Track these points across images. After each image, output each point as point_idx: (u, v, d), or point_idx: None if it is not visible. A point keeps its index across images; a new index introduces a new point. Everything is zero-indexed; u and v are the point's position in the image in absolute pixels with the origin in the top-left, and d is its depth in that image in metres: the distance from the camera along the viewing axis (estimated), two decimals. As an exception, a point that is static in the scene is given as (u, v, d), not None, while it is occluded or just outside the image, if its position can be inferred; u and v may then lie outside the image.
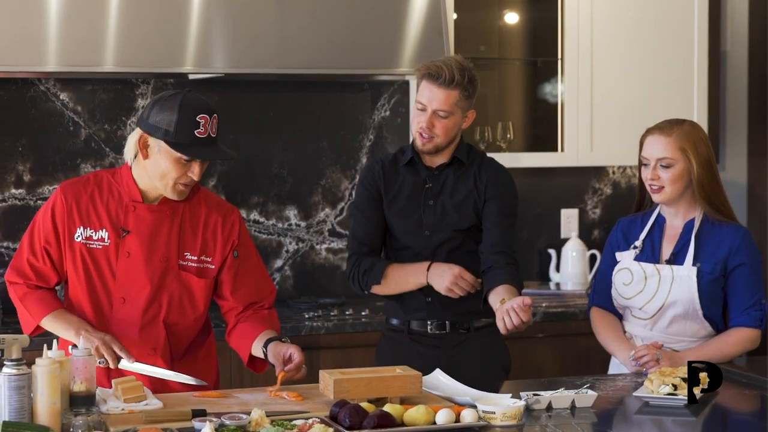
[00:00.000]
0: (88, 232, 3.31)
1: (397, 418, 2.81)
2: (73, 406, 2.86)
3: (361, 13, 4.53)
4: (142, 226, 3.31)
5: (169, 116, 3.18)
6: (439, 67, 3.50)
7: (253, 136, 4.82)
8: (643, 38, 5.03)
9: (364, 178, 3.71)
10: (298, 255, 4.91)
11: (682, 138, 3.53)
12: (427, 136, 3.53)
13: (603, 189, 5.34)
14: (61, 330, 3.31)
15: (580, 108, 4.97)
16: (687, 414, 3.04)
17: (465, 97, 3.52)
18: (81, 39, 4.18)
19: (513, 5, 5.13)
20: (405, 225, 3.63)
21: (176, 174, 3.22)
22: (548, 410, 3.02)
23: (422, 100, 3.53)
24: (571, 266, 5.07)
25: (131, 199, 3.31)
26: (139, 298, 3.31)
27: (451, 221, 3.60)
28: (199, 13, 4.31)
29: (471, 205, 3.60)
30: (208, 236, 3.36)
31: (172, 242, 3.32)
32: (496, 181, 3.61)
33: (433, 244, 3.60)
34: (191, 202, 3.37)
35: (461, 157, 3.60)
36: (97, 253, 3.31)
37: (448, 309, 3.61)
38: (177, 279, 3.33)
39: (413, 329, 3.66)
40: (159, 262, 3.31)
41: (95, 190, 3.34)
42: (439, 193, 3.61)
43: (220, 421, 2.73)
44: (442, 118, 3.52)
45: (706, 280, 3.52)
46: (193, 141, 3.19)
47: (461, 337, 3.63)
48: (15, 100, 4.53)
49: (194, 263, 3.35)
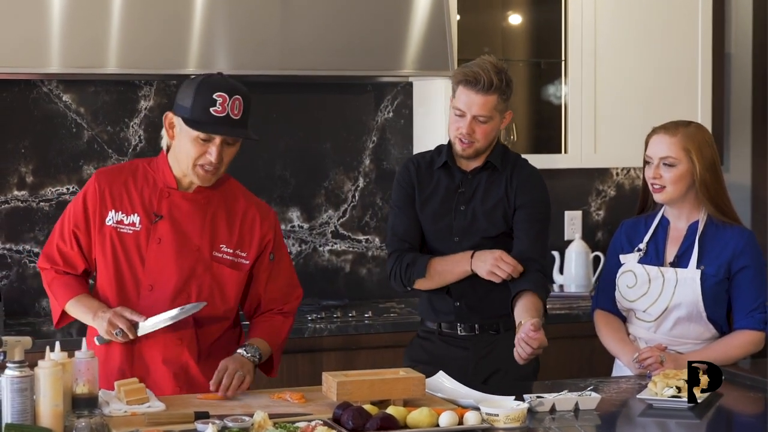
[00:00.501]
0: (119, 216, 3.29)
1: (400, 420, 2.81)
2: (76, 408, 2.86)
3: (364, 15, 4.52)
4: (176, 213, 3.29)
5: (189, 94, 3.19)
6: (476, 73, 3.49)
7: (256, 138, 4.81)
8: (647, 40, 5.02)
9: (401, 177, 3.72)
10: (301, 257, 4.91)
11: (686, 139, 3.52)
12: (467, 142, 3.54)
13: (607, 191, 5.34)
14: (81, 315, 3.30)
15: (583, 109, 4.96)
16: (691, 416, 3.04)
17: (503, 100, 3.55)
18: (84, 40, 4.18)
19: (516, 7, 5.12)
20: (435, 229, 3.64)
21: (195, 154, 3.20)
22: (552, 412, 3.02)
23: (460, 106, 3.53)
24: (574, 268, 5.07)
25: (166, 185, 3.30)
26: (168, 286, 3.27)
27: (480, 228, 3.60)
28: (202, 15, 4.31)
29: (501, 213, 3.60)
30: (245, 231, 3.34)
31: (206, 232, 3.30)
32: (526, 187, 3.61)
33: (461, 249, 3.60)
34: (227, 195, 3.34)
35: (495, 162, 3.61)
36: (127, 238, 3.29)
37: (477, 313, 3.62)
38: (209, 270, 3.29)
39: (444, 331, 3.67)
40: (190, 251, 3.28)
41: (129, 176, 3.34)
42: (471, 198, 3.62)
43: (223, 423, 2.73)
44: (482, 123, 3.53)
45: (710, 282, 3.51)
46: (208, 119, 3.16)
47: (491, 339, 3.63)
48: (18, 102, 4.53)
49: (229, 256, 3.32)
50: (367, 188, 4.95)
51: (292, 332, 4.28)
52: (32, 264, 4.54)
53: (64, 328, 4.24)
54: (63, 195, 4.57)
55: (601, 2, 4.94)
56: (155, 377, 3.27)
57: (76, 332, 4.13)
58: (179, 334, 3.30)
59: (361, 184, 4.96)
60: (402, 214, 3.69)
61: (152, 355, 3.28)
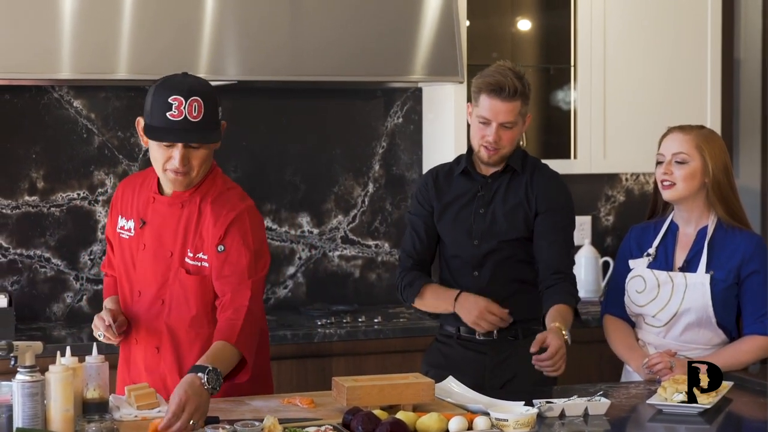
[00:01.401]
0: (122, 222, 3.35)
1: (409, 425, 2.81)
2: (86, 412, 2.87)
3: (374, 21, 4.53)
4: (156, 218, 3.28)
5: (149, 98, 3.14)
6: (499, 81, 3.51)
7: (266, 144, 4.83)
8: (656, 45, 5.02)
9: (418, 193, 3.77)
10: (311, 262, 4.91)
11: (700, 138, 3.54)
12: (493, 149, 3.55)
13: (616, 196, 5.33)
14: None
15: (592, 115, 4.96)
16: (701, 422, 3.04)
17: (525, 104, 3.58)
18: (94, 46, 4.19)
19: (526, 12, 5.13)
20: (455, 233, 3.65)
21: (162, 159, 3.14)
22: (561, 418, 3.02)
23: (485, 114, 3.53)
24: (584, 273, 5.06)
25: (152, 191, 3.31)
26: (150, 292, 3.28)
27: (499, 230, 3.60)
28: (213, 21, 4.32)
29: (521, 216, 3.60)
30: (204, 231, 3.22)
31: (179, 238, 3.24)
32: (548, 193, 3.61)
33: (481, 253, 3.61)
34: (204, 197, 3.24)
35: (515, 166, 3.62)
36: (124, 243, 3.34)
37: None
38: (176, 277, 3.25)
39: (463, 335, 3.67)
40: (164, 258, 3.25)
41: (138, 182, 3.37)
42: (491, 201, 3.63)
43: (233, 428, 2.73)
44: (508, 129, 3.55)
45: (720, 287, 3.51)
46: (165, 124, 3.08)
47: (509, 344, 3.63)
48: (29, 108, 4.55)
49: (192, 260, 3.24)
50: (377, 194, 4.95)
51: (302, 337, 4.30)
52: (43, 269, 4.55)
53: (74, 333, 4.27)
54: (74, 200, 4.58)
55: (610, 8, 4.95)
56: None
57: (87, 337, 4.14)
58: (155, 342, 3.29)
59: (371, 190, 4.97)
60: (411, 230, 3.75)
61: (136, 363, 3.31)
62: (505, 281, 3.62)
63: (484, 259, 3.62)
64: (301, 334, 4.33)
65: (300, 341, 4.32)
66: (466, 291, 3.62)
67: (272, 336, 4.25)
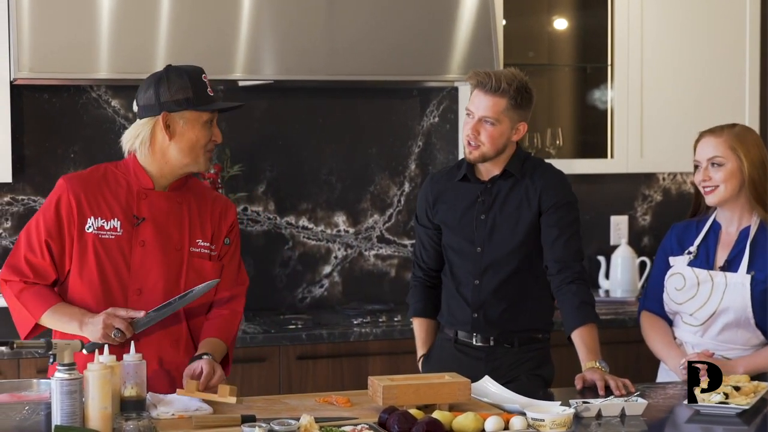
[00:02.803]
0: (99, 222, 3.24)
1: (445, 424, 2.81)
2: (124, 410, 2.88)
3: (410, 20, 4.53)
4: (156, 213, 3.28)
5: (183, 85, 3.22)
6: (487, 74, 3.49)
7: (302, 143, 4.84)
8: (694, 44, 5.00)
9: (420, 199, 3.76)
10: (347, 261, 4.92)
11: (732, 138, 3.52)
12: (473, 144, 3.52)
13: (653, 196, 5.31)
14: (62, 324, 3.21)
15: (629, 114, 4.94)
16: (739, 423, 3.02)
17: (513, 107, 3.49)
18: (132, 46, 4.22)
19: (562, 11, 5.11)
20: (458, 240, 3.63)
21: (205, 139, 3.25)
22: (598, 418, 3.01)
23: (470, 107, 3.53)
24: (620, 273, 5.05)
25: (142, 187, 3.28)
26: (156, 288, 3.25)
27: (502, 237, 3.56)
28: (249, 21, 4.33)
29: (523, 219, 3.55)
30: (215, 225, 3.35)
31: (184, 229, 3.29)
32: (550, 191, 3.55)
33: (484, 261, 3.58)
34: (195, 192, 3.36)
35: (512, 170, 3.57)
36: (109, 244, 3.24)
37: (493, 326, 3.60)
38: (191, 266, 3.28)
39: (460, 339, 3.66)
40: (174, 250, 3.27)
41: (101, 181, 3.29)
42: (491, 207, 3.60)
43: (270, 427, 2.74)
44: (489, 125, 3.50)
45: (760, 288, 3.49)
46: (210, 100, 3.26)
47: (504, 351, 3.61)
48: (67, 107, 4.58)
49: (205, 249, 3.32)
50: (413, 193, 4.95)
51: (338, 336, 4.31)
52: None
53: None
54: (111, 199, 4.61)
55: (648, 6, 4.92)
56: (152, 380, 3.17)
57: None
58: (174, 336, 3.28)
59: (407, 189, 4.97)
60: (419, 239, 3.78)
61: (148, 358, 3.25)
62: (505, 292, 3.58)
63: (487, 268, 3.58)
64: (337, 333, 4.33)
65: (336, 340, 4.32)
66: (465, 301, 3.61)
67: (308, 335, 4.27)
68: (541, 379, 3.60)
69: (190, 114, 3.21)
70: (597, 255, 5.16)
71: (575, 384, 3.33)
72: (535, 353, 3.61)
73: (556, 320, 3.63)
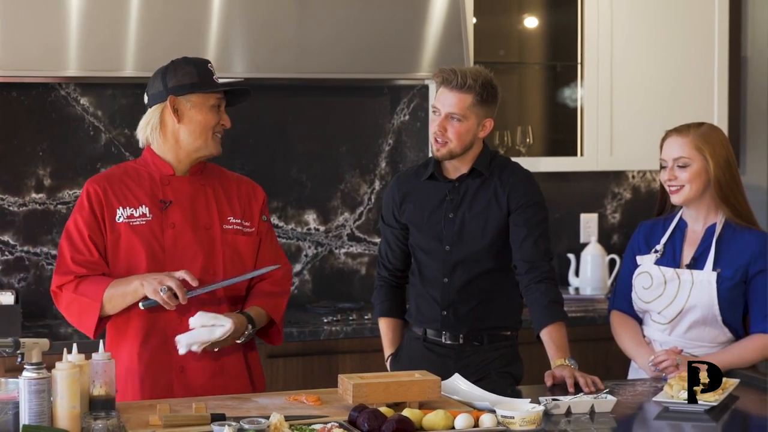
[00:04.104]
0: (128, 211, 3.34)
1: (416, 422, 2.81)
2: (93, 409, 2.87)
3: (381, 18, 4.53)
4: (181, 197, 3.37)
5: (189, 71, 3.35)
6: (453, 71, 3.51)
7: (273, 141, 4.83)
8: (664, 43, 5.02)
9: (386, 198, 3.76)
10: (317, 259, 4.91)
11: (698, 138, 3.53)
12: (440, 141, 3.53)
13: (622, 194, 5.33)
14: (124, 289, 3.25)
15: (599, 112, 4.96)
16: (707, 419, 3.04)
17: (479, 102, 3.50)
18: (101, 44, 4.20)
19: (532, 10, 5.12)
20: (426, 240, 3.63)
21: (213, 122, 3.35)
22: (567, 415, 3.02)
23: (436, 104, 3.54)
24: (590, 271, 5.07)
25: (163, 174, 3.38)
26: (194, 267, 3.31)
27: (470, 235, 3.57)
28: (219, 19, 4.32)
29: (492, 218, 3.56)
30: (244, 203, 3.45)
31: (212, 210, 3.39)
32: (519, 190, 3.56)
33: (452, 259, 3.59)
34: (216, 174, 3.47)
35: (480, 168, 3.58)
36: (141, 229, 3.33)
37: (463, 324, 3.61)
38: (225, 243, 3.38)
39: (429, 338, 3.66)
40: (204, 230, 3.36)
41: (124, 176, 3.41)
42: (459, 205, 3.60)
43: (239, 425, 2.73)
44: (455, 121, 3.51)
45: (726, 285, 3.51)
46: (215, 85, 3.36)
47: (473, 349, 3.62)
48: (36, 105, 4.55)
49: (238, 226, 3.41)
50: (383, 191, 4.94)
51: (308, 335, 4.31)
52: (50, 266, 4.56)
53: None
54: (80, 198, 4.59)
55: (618, 5, 4.94)
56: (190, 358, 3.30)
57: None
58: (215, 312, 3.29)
59: (377, 187, 4.97)
60: (384, 239, 3.78)
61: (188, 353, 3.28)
62: (475, 289, 3.59)
63: (456, 266, 3.59)
64: (308, 331, 4.33)
65: (306, 339, 4.32)
66: (434, 299, 3.62)
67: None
68: (511, 376, 3.61)
69: (197, 97, 3.34)
70: (567, 253, 5.18)
71: (545, 381, 3.34)
72: (504, 351, 3.63)
73: (525, 318, 3.65)
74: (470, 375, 3.43)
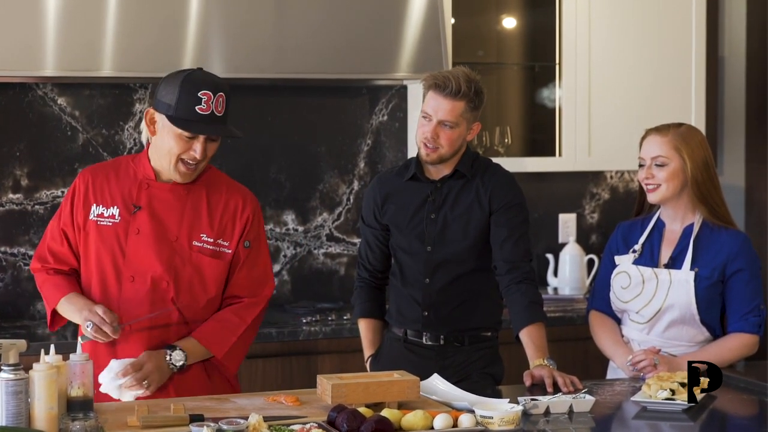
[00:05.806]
0: (100, 210, 3.33)
1: (394, 423, 2.81)
2: (71, 411, 2.86)
3: (359, 18, 4.53)
4: (154, 204, 3.32)
5: (172, 91, 3.20)
6: (446, 78, 3.48)
7: (251, 141, 4.82)
8: (641, 43, 5.04)
9: (367, 199, 3.74)
10: (296, 260, 4.91)
11: (677, 138, 3.55)
12: (431, 147, 3.52)
13: (601, 194, 5.35)
14: (71, 314, 3.30)
15: (577, 113, 4.97)
16: (685, 419, 3.05)
17: (471, 109, 3.50)
18: (79, 44, 4.18)
19: (511, 10, 5.13)
20: (408, 241, 3.63)
21: (178, 150, 3.22)
22: (546, 415, 3.03)
23: (428, 110, 3.51)
24: (569, 271, 5.08)
25: (145, 177, 3.33)
26: (147, 276, 3.28)
27: (452, 236, 3.57)
28: (197, 18, 4.31)
29: (474, 219, 3.56)
30: (227, 220, 3.35)
31: (185, 222, 3.31)
32: (501, 191, 3.56)
33: (434, 260, 3.59)
34: (209, 184, 3.37)
35: (463, 170, 3.58)
36: (106, 230, 3.31)
37: (444, 324, 3.61)
38: (188, 260, 3.30)
39: (410, 339, 3.66)
40: (168, 242, 3.30)
41: (112, 170, 3.38)
42: (441, 206, 3.60)
43: (218, 426, 2.73)
44: (448, 128, 3.50)
45: (704, 285, 3.52)
46: (193, 117, 3.18)
47: (454, 349, 3.62)
48: (13, 105, 4.53)
49: (210, 245, 3.32)
50: (362, 191, 4.95)
51: (287, 335, 4.30)
52: (27, 267, 4.54)
53: (59, 331, 4.25)
54: (58, 198, 4.57)
55: (596, 6, 4.96)
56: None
57: (71, 335, 4.13)
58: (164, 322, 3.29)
59: (356, 187, 4.97)
60: (364, 240, 3.77)
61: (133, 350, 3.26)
62: (456, 290, 3.59)
63: (437, 267, 3.59)
64: (286, 332, 4.33)
65: (285, 339, 4.32)
66: (415, 300, 3.61)
67: (257, 334, 4.25)
68: (491, 377, 3.62)
69: (167, 121, 3.22)
70: (545, 253, 5.19)
71: (524, 381, 3.35)
72: (484, 351, 3.63)
73: (505, 318, 3.65)
74: (451, 376, 3.43)
